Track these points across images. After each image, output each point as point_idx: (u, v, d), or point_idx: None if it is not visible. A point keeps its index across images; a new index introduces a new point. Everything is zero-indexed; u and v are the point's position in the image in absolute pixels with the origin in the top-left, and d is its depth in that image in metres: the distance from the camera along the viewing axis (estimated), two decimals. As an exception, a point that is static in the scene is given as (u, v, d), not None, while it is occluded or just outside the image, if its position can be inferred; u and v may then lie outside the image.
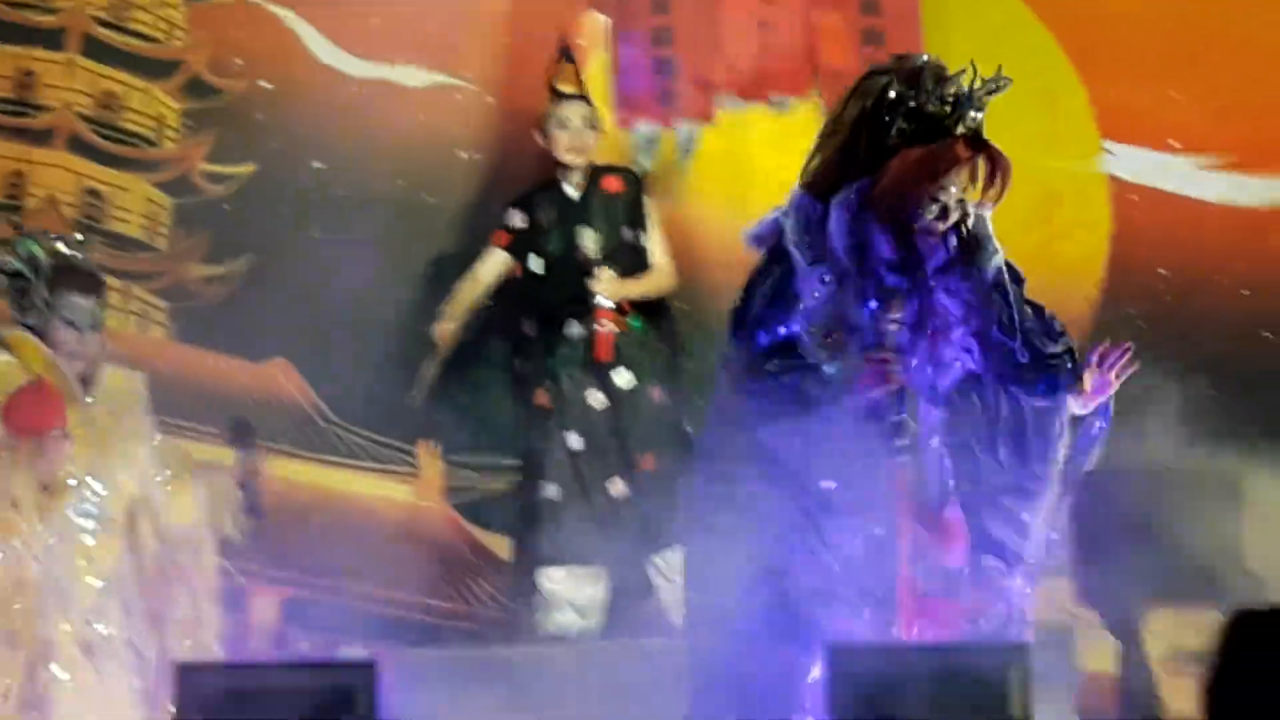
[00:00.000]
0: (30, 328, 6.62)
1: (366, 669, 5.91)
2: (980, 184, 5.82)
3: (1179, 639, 7.73)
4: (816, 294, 5.95)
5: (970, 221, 5.86)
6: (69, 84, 8.43)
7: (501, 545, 8.20)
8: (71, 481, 6.53)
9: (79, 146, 8.40)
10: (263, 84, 8.37)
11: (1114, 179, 8.18)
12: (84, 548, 6.53)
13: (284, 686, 6.04)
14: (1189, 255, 8.08)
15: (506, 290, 7.95)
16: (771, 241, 6.05)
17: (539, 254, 7.86)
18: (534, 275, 7.88)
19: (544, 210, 7.87)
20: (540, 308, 7.87)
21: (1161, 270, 8.10)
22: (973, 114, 5.91)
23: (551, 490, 7.74)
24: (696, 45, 8.11)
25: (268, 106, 8.37)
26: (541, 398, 7.83)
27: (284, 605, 6.86)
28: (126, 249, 8.28)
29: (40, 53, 8.42)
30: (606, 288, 7.76)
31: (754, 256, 6.30)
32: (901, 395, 5.94)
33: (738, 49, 8.12)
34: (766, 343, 6.00)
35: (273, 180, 8.36)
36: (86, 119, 8.41)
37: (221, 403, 7.50)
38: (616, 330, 7.78)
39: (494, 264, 7.93)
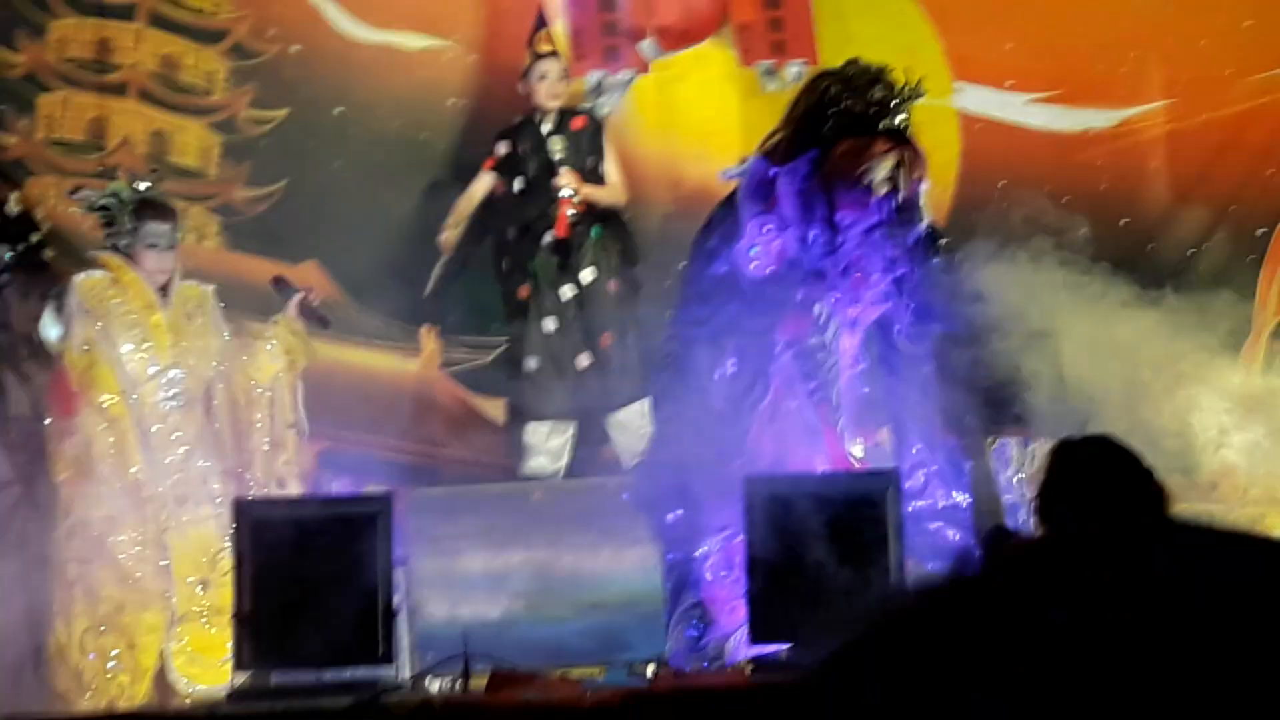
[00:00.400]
0: (119, 250, 6.56)
1: (385, 501, 5.92)
2: (905, 168, 5.89)
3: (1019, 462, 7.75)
4: (757, 239, 6.01)
5: (902, 195, 5.92)
6: (138, 48, 8.30)
7: (494, 406, 8.11)
8: (154, 369, 6.48)
9: (147, 97, 8.29)
10: (293, 48, 8.28)
11: (962, 112, 8.13)
12: (172, 420, 6.49)
13: (321, 515, 6.05)
14: (1020, 169, 8.01)
15: (493, 205, 7.81)
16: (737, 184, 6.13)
17: (520, 176, 7.71)
18: (515, 193, 7.74)
19: (524, 141, 7.72)
20: (520, 219, 7.72)
21: (999, 182, 8.04)
22: (897, 116, 5.96)
23: (532, 363, 7.64)
24: (633, 10, 7.98)
25: (297, 65, 8.26)
26: (523, 291, 7.69)
27: (319, 455, 6.83)
28: (186, 177, 8.19)
29: (115, 24, 8.31)
30: (569, 180, 7.69)
31: (678, 182, 6.33)
32: (825, 325, 5.99)
33: (666, 11, 8.00)
34: (717, 270, 6.05)
35: (301, 122, 8.26)
36: (152, 75, 8.29)
37: (266, 296, 7.43)
38: (573, 214, 7.69)
39: (483, 183, 7.78)
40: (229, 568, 6.14)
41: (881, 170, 5.91)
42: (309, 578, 5.74)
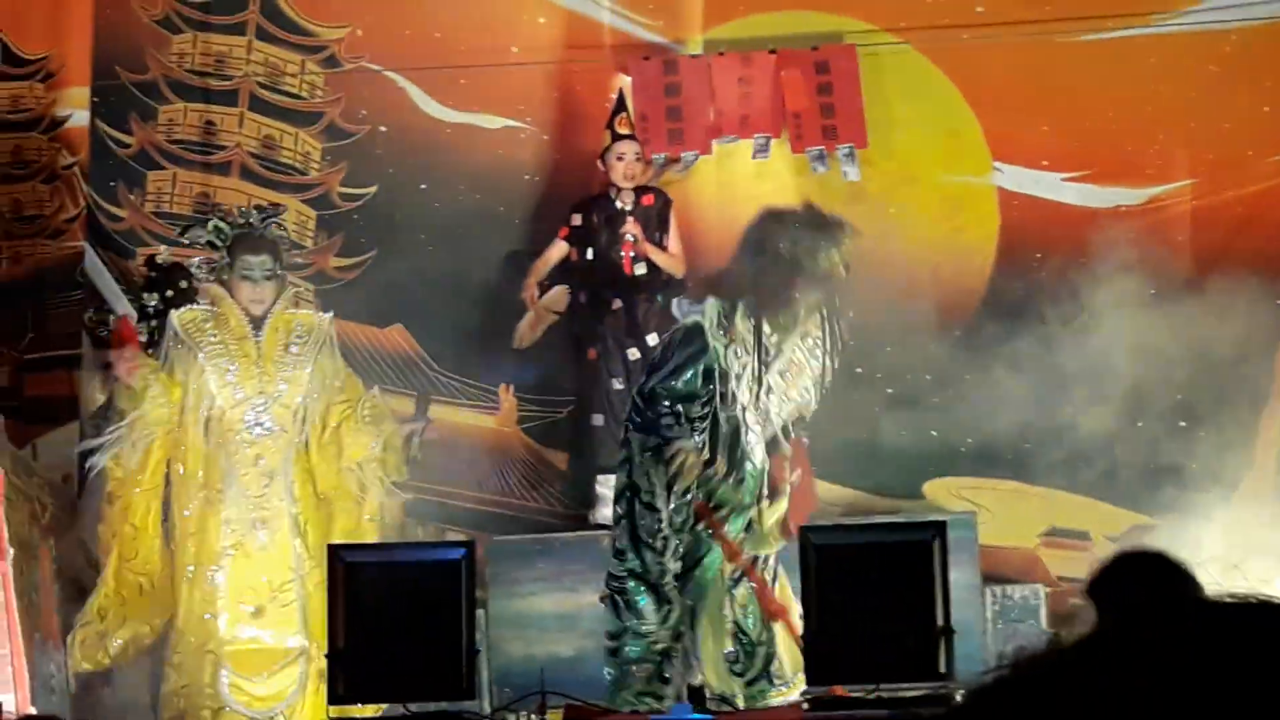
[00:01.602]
0: (221, 282, 6.56)
1: (467, 548, 6.12)
2: None
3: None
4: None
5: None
6: (240, 130, 8.45)
7: (560, 459, 8.22)
8: (239, 396, 6.48)
9: (248, 175, 8.43)
10: (381, 128, 8.40)
11: (1001, 189, 8.15)
12: (256, 447, 6.47)
13: (409, 561, 6.27)
14: (1056, 243, 8.02)
15: (566, 271, 7.93)
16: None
17: (591, 246, 7.82)
18: (587, 261, 7.85)
19: (597, 214, 7.84)
20: (590, 287, 7.85)
21: (1037, 255, 8.09)
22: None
23: (599, 419, 7.75)
24: (696, 97, 8.04)
25: (385, 144, 8.39)
26: (592, 352, 7.81)
27: (405, 504, 6.95)
28: (286, 246, 8.33)
29: (219, 108, 8.47)
30: (633, 228, 7.74)
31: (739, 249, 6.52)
32: None
33: (726, 99, 8.06)
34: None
35: (390, 197, 8.37)
36: (253, 155, 8.43)
37: (356, 358, 7.57)
38: (641, 270, 7.74)
39: (558, 250, 7.91)
40: (290, 600, 6.32)
41: (810, 303, 6.29)
42: (397, 618, 5.95)
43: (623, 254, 7.80)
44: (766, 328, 6.30)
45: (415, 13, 8.39)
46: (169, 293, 7.46)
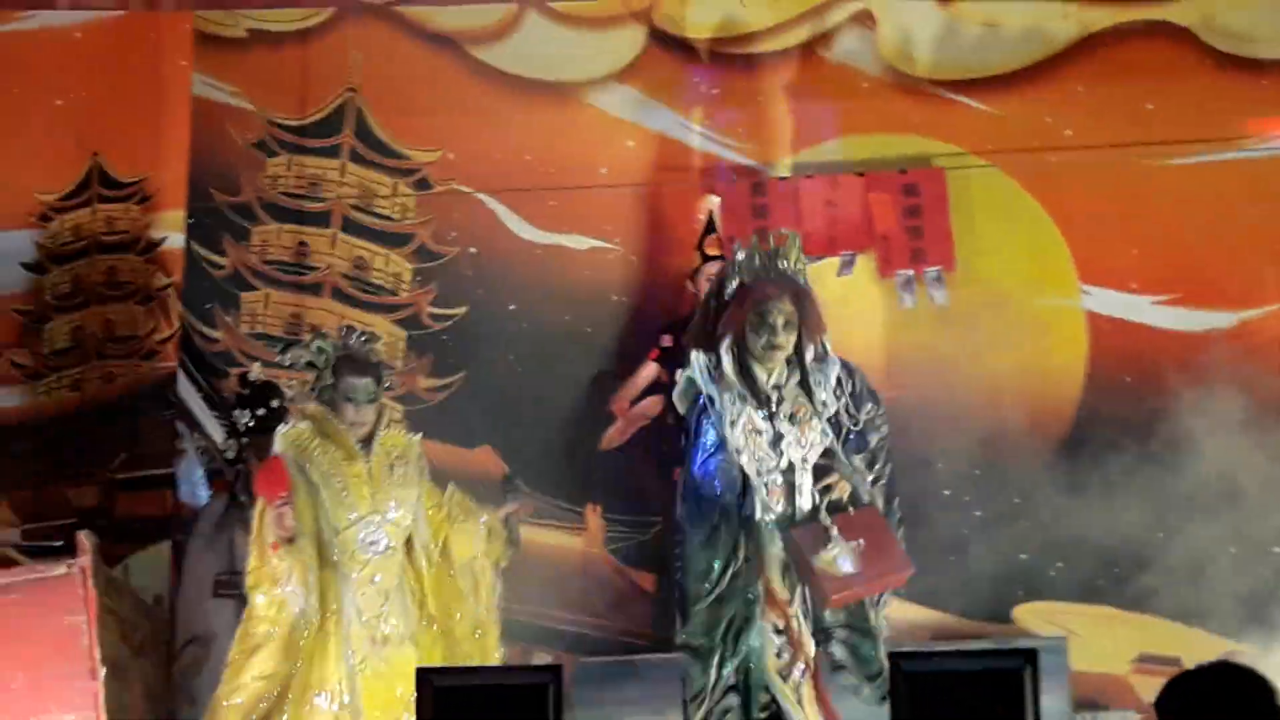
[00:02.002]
0: (326, 403, 6.51)
1: (555, 670, 6.08)
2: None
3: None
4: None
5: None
6: (332, 251, 8.48)
7: (647, 580, 8.19)
8: (353, 516, 6.44)
9: (339, 295, 8.45)
10: (471, 250, 8.41)
11: (1090, 312, 8.12)
12: (371, 566, 6.45)
13: (497, 684, 6.22)
14: (1146, 366, 8.00)
15: (655, 392, 7.96)
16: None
17: (680, 367, 7.75)
18: (675, 383, 7.70)
19: (685, 336, 7.87)
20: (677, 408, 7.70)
21: (1127, 378, 8.06)
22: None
23: None
24: (784, 218, 7.99)
25: (475, 265, 8.39)
26: (677, 472, 7.59)
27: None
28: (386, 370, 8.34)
29: (311, 230, 8.48)
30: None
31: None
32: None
33: (813, 221, 8.07)
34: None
35: (479, 318, 8.37)
36: (345, 276, 8.45)
37: (445, 476, 7.58)
38: None
39: (649, 371, 7.95)
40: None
41: (775, 311, 6.14)
42: (486, 742, 5.90)
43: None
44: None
45: (506, 136, 8.45)
46: (261, 410, 7.46)
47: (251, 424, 7.42)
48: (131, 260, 8.50)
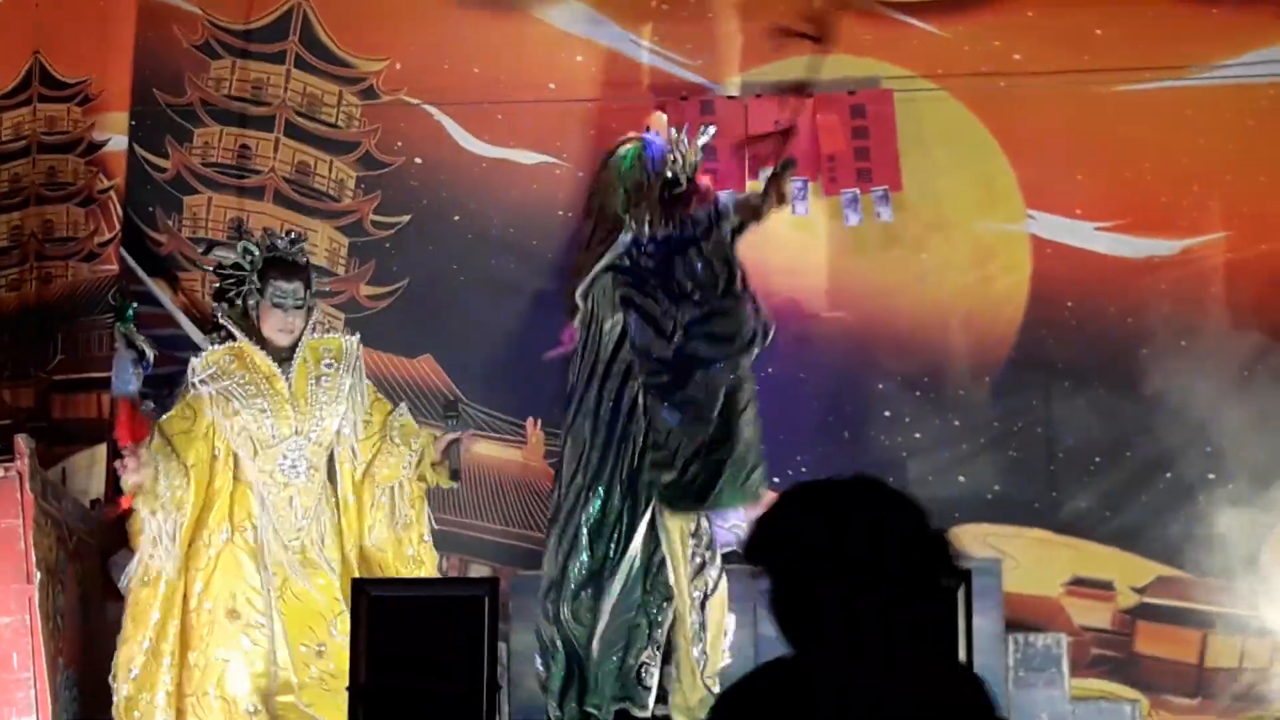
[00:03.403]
0: (253, 308, 6.23)
1: (491, 584, 6.05)
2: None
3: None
4: None
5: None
6: (274, 156, 8.41)
7: None
8: (273, 437, 6.22)
9: (281, 199, 8.38)
10: (416, 160, 8.35)
11: (1034, 237, 8.07)
12: (289, 489, 6.23)
13: (433, 595, 6.19)
14: (1088, 292, 7.99)
15: None
16: None
17: None
18: None
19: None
20: None
21: (1068, 303, 8.02)
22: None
23: None
24: (732, 139, 7.96)
25: (420, 176, 8.33)
26: None
27: (431, 535, 6.86)
28: (314, 275, 8.30)
29: (254, 133, 8.42)
30: None
31: (769, 293, 6.41)
32: None
33: (763, 139, 7.86)
34: None
35: (422, 228, 8.32)
36: (287, 180, 8.38)
37: (385, 388, 7.49)
38: None
39: None
40: (346, 632, 6.08)
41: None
42: (420, 653, 5.87)
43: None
44: None
45: (454, 48, 8.36)
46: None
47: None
48: (73, 161, 8.41)
